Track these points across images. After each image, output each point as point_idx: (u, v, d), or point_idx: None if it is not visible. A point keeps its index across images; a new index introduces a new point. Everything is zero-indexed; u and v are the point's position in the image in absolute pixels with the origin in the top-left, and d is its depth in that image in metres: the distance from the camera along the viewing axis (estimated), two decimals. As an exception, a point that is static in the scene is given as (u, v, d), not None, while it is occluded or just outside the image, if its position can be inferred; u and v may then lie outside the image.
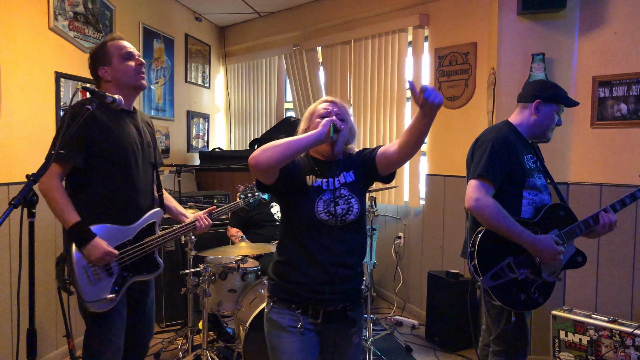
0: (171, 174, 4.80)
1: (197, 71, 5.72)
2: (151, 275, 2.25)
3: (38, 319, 3.34)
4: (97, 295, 2.02)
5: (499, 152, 2.21)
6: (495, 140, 2.24)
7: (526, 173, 2.25)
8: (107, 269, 2.06)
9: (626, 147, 3.15)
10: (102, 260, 2.01)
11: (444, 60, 4.21)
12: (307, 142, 1.74)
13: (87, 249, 1.98)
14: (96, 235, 2.00)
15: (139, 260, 2.17)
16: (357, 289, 1.95)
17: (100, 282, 2.04)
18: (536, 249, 2.14)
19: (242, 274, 3.29)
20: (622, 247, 3.17)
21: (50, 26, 3.46)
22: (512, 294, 2.18)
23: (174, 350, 3.68)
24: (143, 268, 2.20)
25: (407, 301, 4.72)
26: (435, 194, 4.37)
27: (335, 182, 1.87)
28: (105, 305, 2.05)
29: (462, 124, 4.09)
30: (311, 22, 5.32)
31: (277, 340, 1.86)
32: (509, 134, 2.30)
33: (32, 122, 3.33)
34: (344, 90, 5.08)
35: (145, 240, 2.18)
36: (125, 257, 2.12)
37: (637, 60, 3.11)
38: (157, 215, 2.26)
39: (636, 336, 2.77)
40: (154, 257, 2.24)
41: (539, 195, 2.28)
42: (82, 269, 2.00)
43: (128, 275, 2.14)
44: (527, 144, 2.37)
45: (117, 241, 2.09)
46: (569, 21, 3.30)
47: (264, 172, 1.71)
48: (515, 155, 2.23)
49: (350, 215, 1.84)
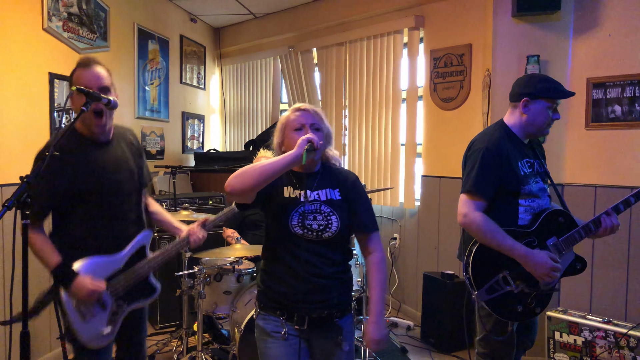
0: (166, 175, 4.79)
1: (192, 72, 5.71)
2: (148, 300, 2.16)
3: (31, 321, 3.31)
4: (93, 331, 1.95)
5: (489, 165, 2.14)
6: (486, 150, 2.17)
7: (521, 181, 2.17)
8: (100, 303, 1.97)
9: (620, 149, 3.16)
10: (89, 297, 1.91)
11: (439, 61, 4.22)
12: (282, 166, 1.70)
13: (72, 289, 1.89)
14: (78, 273, 1.90)
15: (133, 288, 2.07)
16: (344, 297, 1.92)
17: (94, 318, 1.96)
18: (529, 263, 2.08)
19: (237, 275, 3.28)
20: (616, 248, 3.18)
21: (44, 27, 3.44)
22: (509, 306, 2.14)
23: (169, 352, 3.67)
24: (138, 294, 2.11)
25: (402, 302, 4.72)
26: (430, 195, 4.38)
27: (314, 195, 1.84)
28: (103, 340, 1.99)
29: (458, 126, 4.10)
30: (306, 24, 5.32)
31: (263, 345, 1.87)
32: (501, 140, 2.21)
33: (25, 123, 3.32)
34: (339, 91, 5.08)
35: (137, 266, 2.08)
36: (118, 288, 2.02)
37: (631, 62, 3.12)
38: (145, 238, 2.15)
39: (630, 337, 2.78)
40: (149, 281, 2.16)
41: (535, 200, 2.21)
42: (73, 310, 1.92)
43: (123, 305, 2.05)
44: (522, 147, 2.27)
45: (106, 272, 2.00)
46: (563, 23, 3.31)
47: (240, 197, 1.72)
48: (507, 164, 2.16)
49: (327, 233, 1.80)
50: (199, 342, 3.19)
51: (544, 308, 2.21)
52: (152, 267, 2.12)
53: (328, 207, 1.83)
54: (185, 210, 3.44)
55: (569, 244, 2.18)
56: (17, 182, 1.62)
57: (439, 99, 4.24)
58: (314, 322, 1.83)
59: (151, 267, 2.11)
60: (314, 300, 1.81)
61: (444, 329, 3.81)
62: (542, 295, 2.17)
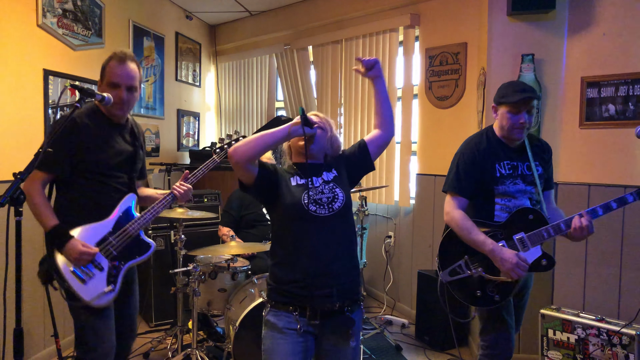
0: (161, 172, 4.78)
1: (188, 69, 5.70)
2: (144, 256, 2.27)
3: (25, 319, 3.30)
4: (94, 291, 2.07)
5: (464, 166, 2.37)
6: (462, 154, 2.41)
7: (495, 181, 2.32)
8: (96, 264, 2.10)
9: (614, 148, 3.18)
10: (80, 259, 2.04)
11: (435, 60, 4.23)
12: (281, 133, 1.87)
13: (65, 251, 2.03)
14: (73, 236, 2.05)
15: (127, 246, 2.20)
16: (354, 286, 1.96)
17: (93, 279, 2.08)
18: (496, 258, 2.21)
19: (232, 273, 3.28)
20: (609, 246, 3.19)
21: (39, 23, 3.43)
22: (468, 289, 2.34)
23: (164, 350, 3.66)
24: (134, 252, 2.23)
25: (397, 300, 4.73)
26: (425, 194, 4.39)
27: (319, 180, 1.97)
28: (106, 298, 2.10)
29: (453, 124, 4.11)
30: (302, 21, 5.32)
31: (270, 342, 1.88)
32: (479, 144, 2.39)
33: (20, 120, 3.30)
34: (334, 89, 5.08)
35: (126, 226, 2.20)
36: (110, 249, 2.15)
37: (626, 61, 3.13)
38: (128, 200, 2.27)
39: (623, 334, 2.80)
40: (142, 239, 2.28)
41: (512, 201, 2.32)
42: (70, 274, 2.05)
43: (120, 264, 2.18)
44: (506, 149, 2.37)
45: (97, 237, 2.13)
46: (558, 22, 3.32)
47: (243, 164, 1.82)
48: (482, 165, 2.33)
49: (337, 203, 1.91)
50: (193, 340, 3.19)
51: (505, 298, 2.28)
52: (141, 225, 2.24)
53: (329, 184, 1.97)
54: (179, 207, 3.43)
55: (536, 240, 2.25)
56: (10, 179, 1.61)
57: (434, 97, 4.25)
58: (326, 314, 1.85)
59: (140, 225, 2.23)
60: (326, 284, 1.84)
61: (438, 327, 3.82)
62: (504, 286, 2.26)
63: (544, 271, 2.29)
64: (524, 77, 3.32)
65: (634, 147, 3.10)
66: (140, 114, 4.79)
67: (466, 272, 2.34)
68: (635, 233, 3.11)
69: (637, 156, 3.10)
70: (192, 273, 3.11)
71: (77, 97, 2.07)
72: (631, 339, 2.77)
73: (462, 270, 2.35)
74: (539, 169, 2.39)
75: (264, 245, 3.37)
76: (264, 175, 1.89)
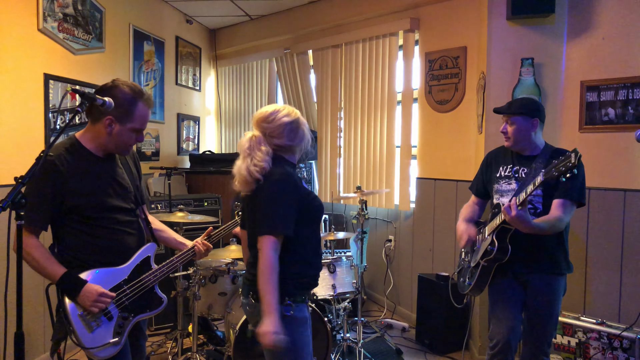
0: (161, 176, 4.78)
1: (188, 74, 5.71)
2: (155, 311, 2.14)
3: (26, 322, 3.31)
4: (99, 341, 1.91)
5: (479, 170, 2.83)
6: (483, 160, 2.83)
7: (494, 181, 2.64)
8: (106, 313, 1.95)
9: (613, 151, 3.18)
10: (98, 303, 1.89)
11: (434, 64, 4.24)
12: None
13: (80, 297, 1.87)
14: (87, 281, 1.90)
15: (139, 298, 2.06)
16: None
17: (100, 328, 1.93)
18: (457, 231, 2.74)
19: (233, 277, 3.28)
20: (610, 250, 3.20)
21: (40, 27, 3.43)
22: (460, 278, 2.75)
23: (164, 353, 3.66)
24: (145, 306, 2.09)
25: (397, 304, 4.73)
26: (425, 197, 4.39)
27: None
28: (110, 351, 1.95)
29: (452, 128, 4.12)
30: (302, 26, 5.33)
31: (300, 336, 1.95)
32: (493, 151, 2.77)
33: (20, 124, 3.31)
34: (334, 93, 5.09)
35: (143, 277, 2.07)
36: (123, 298, 2.00)
37: (625, 65, 3.14)
38: (150, 249, 2.15)
39: (624, 338, 2.80)
40: (155, 293, 2.14)
41: (499, 199, 2.58)
42: (78, 318, 1.89)
43: (129, 316, 2.02)
44: (514, 156, 2.60)
45: (112, 283, 1.98)
46: (557, 26, 3.33)
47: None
48: (489, 167, 2.72)
49: None
50: (193, 344, 3.19)
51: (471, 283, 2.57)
52: (158, 278, 2.11)
53: None
54: (180, 211, 3.43)
55: (490, 229, 2.48)
56: (11, 183, 1.61)
57: (434, 101, 4.26)
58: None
59: (157, 278, 2.10)
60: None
61: (438, 331, 3.82)
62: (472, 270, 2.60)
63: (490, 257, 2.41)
64: (524, 81, 3.33)
65: (633, 151, 3.10)
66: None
67: (462, 262, 2.77)
68: (635, 237, 3.11)
69: (636, 160, 3.10)
70: (193, 277, 3.11)
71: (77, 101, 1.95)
72: (632, 343, 2.77)
73: (462, 262, 2.77)
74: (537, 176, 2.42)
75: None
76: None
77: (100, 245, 1.99)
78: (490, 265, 2.46)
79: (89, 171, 1.98)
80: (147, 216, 2.25)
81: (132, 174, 2.19)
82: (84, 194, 1.94)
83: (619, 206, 3.16)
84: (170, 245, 2.36)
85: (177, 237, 2.35)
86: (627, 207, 3.13)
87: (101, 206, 1.98)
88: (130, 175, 2.17)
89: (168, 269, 2.15)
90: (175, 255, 2.22)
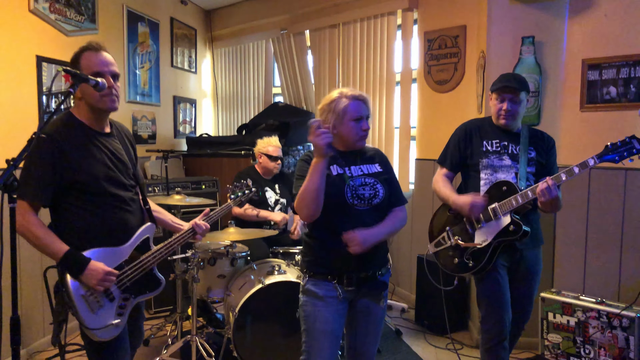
0: (158, 159, 4.74)
1: (184, 56, 5.64)
2: (154, 292, 2.12)
3: (24, 306, 3.30)
4: (101, 322, 1.89)
5: (452, 142, 2.70)
6: (455, 131, 2.72)
7: (480, 155, 2.55)
8: (108, 294, 1.92)
9: (615, 130, 3.14)
10: (103, 282, 1.86)
11: (434, 43, 4.18)
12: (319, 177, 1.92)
13: (85, 275, 1.83)
14: (90, 259, 1.86)
15: (139, 280, 2.03)
16: (384, 254, 2.18)
17: (103, 309, 1.91)
18: (457, 205, 2.51)
19: (231, 259, 3.27)
20: (610, 229, 3.18)
21: (31, 8, 3.36)
22: (449, 259, 2.60)
23: (163, 336, 3.67)
24: (145, 287, 2.07)
25: (396, 285, 4.74)
26: (424, 179, 4.36)
27: (357, 170, 2.10)
28: (112, 332, 1.93)
29: (452, 108, 4.07)
30: (299, 5, 5.24)
31: (311, 309, 2.05)
32: (472, 123, 2.70)
33: (12, 106, 3.26)
34: (332, 74, 5.03)
35: (143, 258, 2.04)
36: (124, 279, 1.98)
37: (627, 42, 3.09)
38: (149, 230, 2.12)
39: (623, 317, 2.80)
40: (154, 274, 2.12)
41: (494, 175, 2.52)
42: (81, 298, 1.86)
43: (130, 297, 2.00)
44: (498, 131, 2.58)
45: (113, 263, 1.95)
46: (559, 3, 3.27)
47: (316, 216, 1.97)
48: (469, 141, 2.62)
49: (376, 199, 2.07)
50: (193, 326, 3.18)
51: (479, 264, 2.46)
52: (157, 259, 2.09)
53: (372, 178, 2.10)
54: (177, 194, 3.40)
55: (506, 208, 2.40)
56: (3, 167, 1.58)
57: (433, 81, 4.21)
58: (361, 280, 2.06)
59: (156, 259, 2.08)
60: (363, 264, 2.04)
61: (438, 312, 3.82)
62: (478, 252, 2.47)
63: (513, 237, 2.39)
64: (524, 59, 3.29)
65: (634, 129, 3.06)
66: (136, 101, 4.74)
67: (448, 242, 2.59)
68: (635, 215, 3.10)
69: (638, 138, 3.07)
70: (191, 260, 3.09)
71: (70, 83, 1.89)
72: (631, 321, 2.78)
73: (445, 241, 2.61)
74: (531, 153, 2.53)
75: (263, 231, 3.36)
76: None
77: (101, 223, 1.95)
78: (500, 245, 2.44)
79: (88, 144, 1.94)
80: (145, 196, 2.22)
81: (130, 153, 2.16)
82: (84, 168, 1.90)
83: (620, 185, 3.14)
84: (165, 227, 2.33)
85: (173, 219, 2.33)
86: (628, 186, 3.11)
87: (102, 179, 1.94)
88: (129, 154, 2.15)
89: (167, 250, 2.13)
90: (174, 236, 2.20)
